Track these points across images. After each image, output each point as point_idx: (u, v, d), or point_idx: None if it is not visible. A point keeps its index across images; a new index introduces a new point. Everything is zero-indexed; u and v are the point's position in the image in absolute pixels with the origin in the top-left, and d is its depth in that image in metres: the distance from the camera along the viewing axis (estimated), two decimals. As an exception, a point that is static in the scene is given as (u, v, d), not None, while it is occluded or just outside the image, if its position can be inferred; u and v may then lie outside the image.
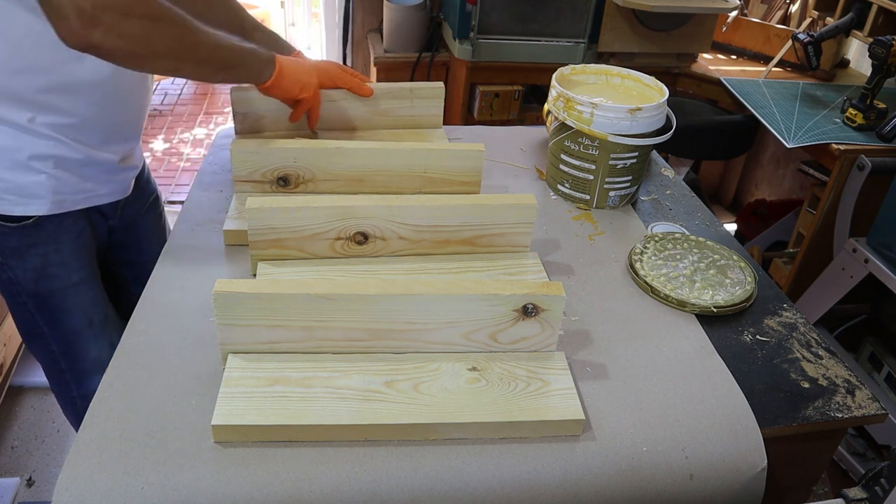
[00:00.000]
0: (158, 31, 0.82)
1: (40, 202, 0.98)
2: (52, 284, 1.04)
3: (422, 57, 2.31)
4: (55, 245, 1.02)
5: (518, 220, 0.95)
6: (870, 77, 1.79)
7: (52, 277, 1.04)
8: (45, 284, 1.04)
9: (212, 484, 0.65)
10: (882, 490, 0.75)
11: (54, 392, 1.20)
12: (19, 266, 1.01)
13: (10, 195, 0.96)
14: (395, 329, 0.76)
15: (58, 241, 1.02)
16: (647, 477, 0.71)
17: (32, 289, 1.04)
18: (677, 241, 1.03)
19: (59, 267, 1.04)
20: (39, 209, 0.98)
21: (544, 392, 0.74)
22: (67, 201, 1.01)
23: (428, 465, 0.69)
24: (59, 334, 1.09)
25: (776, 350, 0.88)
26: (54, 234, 1.02)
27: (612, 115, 1.04)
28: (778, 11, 2.52)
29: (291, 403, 0.71)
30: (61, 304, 1.06)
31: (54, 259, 1.03)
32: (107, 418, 0.70)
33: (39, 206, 0.98)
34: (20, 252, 1.00)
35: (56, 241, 1.02)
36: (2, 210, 0.96)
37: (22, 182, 0.95)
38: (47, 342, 1.10)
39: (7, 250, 1.00)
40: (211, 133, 3.56)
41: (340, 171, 1.05)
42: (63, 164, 0.98)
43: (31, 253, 1.01)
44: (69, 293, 1.06)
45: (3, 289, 1.05)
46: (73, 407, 1.19)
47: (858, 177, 1.73)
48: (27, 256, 1.01)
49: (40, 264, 1.02)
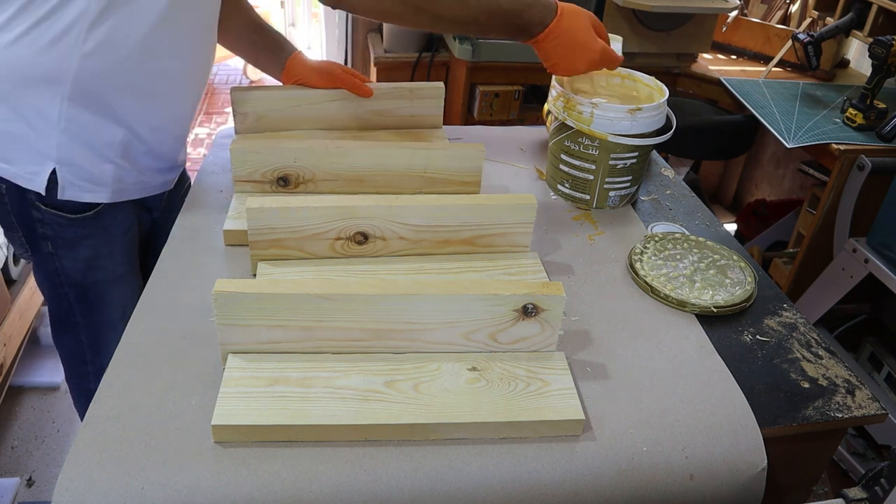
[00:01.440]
0: None
1: (105, 190, 1.00)
2: (97, 276, 1.06)
3: (422, 57, 2.31)
4: (107, 237, 1.04)
5: (518, 220, 0.95)
6: (870, 77, 1.79)
7: (100, 269, 1.06)
8: (92, 276, 1.06)
9: (212, 484, 0.65)
10: (882, 490, 0.75)
11: (70, 384, 1.22)
12: (69, 257, 1.03)
13: (83, 181, 0.98)
14: (395, 329, 0.76)
15: (110, 233, 1.04)
16: (647, 477, 0.71)
17: (78, 279, 1.05)
18: (677, 241, 1.03)
19: (108, 259, 1.06)
20: (104, 197, 1.00)
21: (544, 392, 0.74)
22: (127, 190, 1.04)
23: (428, 465, 0.69)
24: (92, 325, 1.10)
25: (776, 350, 0.88)
26: (108, 226, 1.04)
27: (612, 115, 1.04)
28: (778, 11, 2.52)
29: (291, 403, 0.71)
30: (103, 295, 1.08)
31: (104, 251, 1.05)
32: (107, 418, 0.71)
33: (104, 194, 1.00)
34: (73, 243, 1.02)
35: (108, 232, 1.04)
36: (72, 196, 0.98)
37: (94, 169, 0.98)
38: (79, 333, 1.11)
39: (60, 241, 1.02)
40: (211, 133, 3.56)
41: (340, 171, 1.05)
42: (129, 155, 1.01)
43: (83, 244, 1.03)
44: (112, 285, 1.08)
45: (46, 279, 1.07)
46: (86, 400, 1.19)
47: (858, 177, 1.73)
48: (79, 248, 1.03)
49: (91, 255, 1.04)
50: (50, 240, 1.01)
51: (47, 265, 1.04)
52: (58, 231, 1.01)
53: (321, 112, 1.20)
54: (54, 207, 0.99)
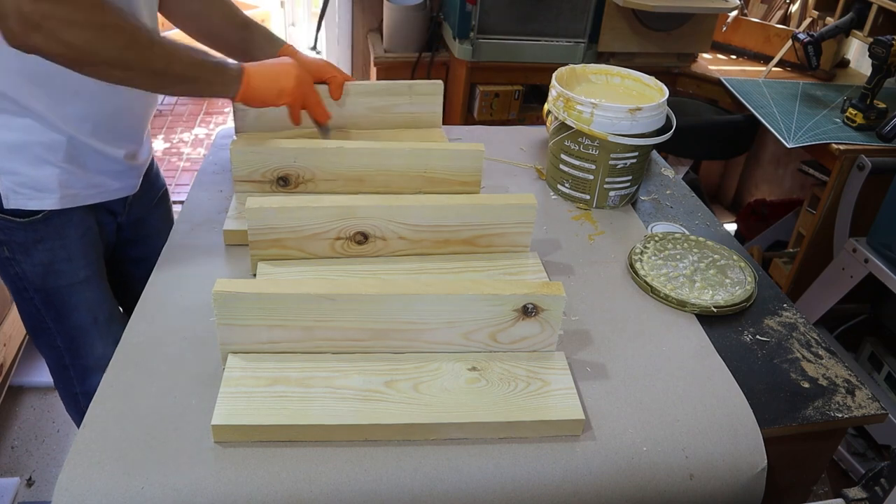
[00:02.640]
0: (103, 39, 0.79)
1: (52, 196, 0.98)
2: (58, 280, 1.04)
3: (422, 57, 2.31)
4: (61, 241, 1.02)
5: (518, 220, 0.95)
6: (870, 77, 1.78)
7: (59, 273, 1.04)
8: (52, 280, 1.04)
9: (212, 484, 0.65)
10: (882, 490, 0.75)
11: (58, 388, 1.21)
12: (26, 261, 1.01)
13: (26, 189, 0.96)
14: (395, 329, 0.76)
15: (64, 237, 1.02)
16: (647, 477, 0.71)
17: (39, 284, 1.04)
18: (677, 241, 1.03)
19: (66, 263, 1.04)
20: (51, 203, 0.98)
21: (544, 392, 0.74)
22: (78, 195, 1.01)
23: (428, 465, 0.69)
24: (64, 330, 1.09)
25: (776, 350, 0.88)
26: (61, 230, 1.01)
27: (612, 115, 1.04)
28: (778, 11, 2.52)
29: (291, 403, 0.71)
30: (67, 300, 1.06)
31: (61, 255, 1.03)
32: (107, 418, 0.70)
33: (51, 200, 0.98)
34: (27, 247, 1.00)
35: (62, 236, 1.02)
36: (17, 204, 0.96)
37: (36, 175, 0.95)
38: (53, 337, 1.10)
39: (14, 245, 1.00)
40: (211, 133, 3.56)
41: (340, 171, 1.05)
42: (74, 158, 0.98)
43: (37, 248, 1.01)
44: (75, 290, 1.06)
45: (10, 283, 1.05)
46: (75, 403, 1.19)
47: (858, 177, 1.73)
48: (34, 252, 1.01)
49: (47, 260, 1.02)
50: (5, 244, 1.00)
51: (8, 270, 1.03)
52: (10, 235, 0.99)
53: None
54: (4, 212, 0.97)
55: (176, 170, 3.25)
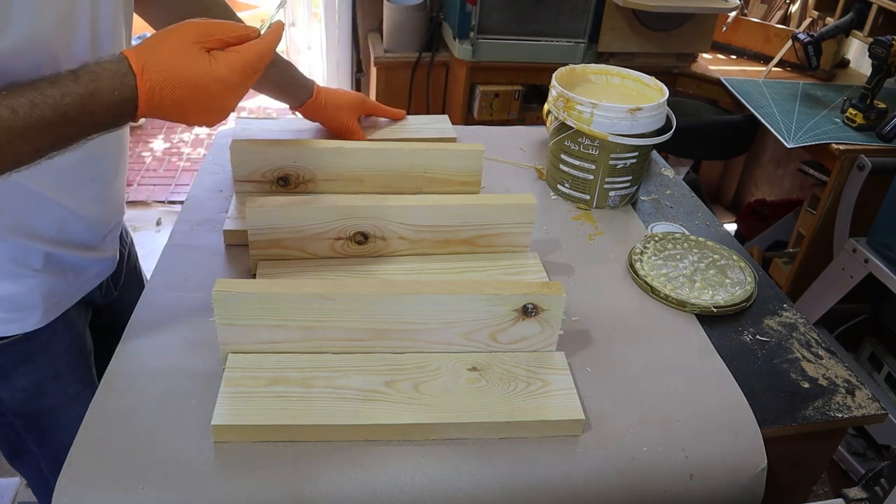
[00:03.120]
0: None
1: (34, 312, 0.82)
2: (45, 403, 0.89)
3: (422, 57, 2.31)
4: (47, 358, 0.86)
5: (518, 220, 0.95)
6: (870, 77, 1.79)
7: (46, 395, 0.88)
8: (37, 404, 0.88)
9: (212, 484, 0.65)
10: (882, 490, 0.75)
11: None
12: (4, 388, 0.85)
13: (4, 312, 0.80)
14: (395, 329, 0.76)
15: (50, 353, 0.86)
16: (647, 477, 0.71)
17: (21, 410, 0.88)
18: (677, 241, 1.03)
19: (54, 382, 0.88)
20: (34, 322, 0.83)
21: (544, 392, 0.74)
22: (61, 302, 0.86)
23: (428, 465, 0.69)
24: (50, 451, 0.93)
25: (776, 350, 0.88)
26: (46, 346, 0.85)
27: (612, 115, 1.04)
28: (778, 11, 2.52)
29: (291, 403, 0.71)
30: (55, 420, 0.90)
31: (48, 374, 0.87)
32: (107, 418, 0.70)
33: (34, 319, 0.83)
34: (5, 373, 0.84)
35: (48, 352, 0.86)
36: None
37: (16, 294, 0.80)
38: (36, 461, 0.94)
39: None
40: (211, 133, 3.56)
41: (340, 171, 1.05)
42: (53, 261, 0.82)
43: (18, 372, 0.85)
44: (65, 408, 0.90)
45: None
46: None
47: (858, 177, 1.73)
48: (13, 376, 0.85)
49: (30, 383, 0.86)
50: None
51: None
52: None
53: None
54: None
55: (176, 170, 3.25)
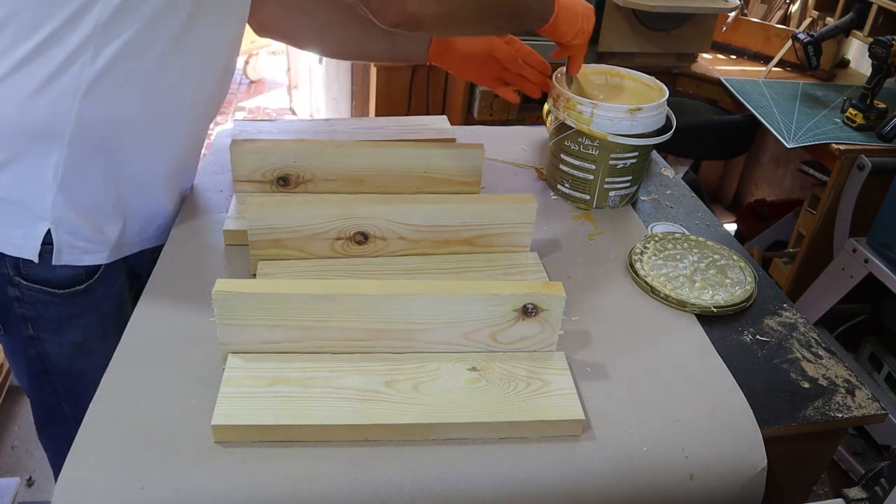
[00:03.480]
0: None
1: (105, 249, 0.86)
2: (88, 363, 0.90)
3: (422, 57, 2.31)
4: (98, 316, 0.90)
5: (518, 220, 0.95)
6: (870, 77, 1.79)
7: (90, 354, 0.90)
8: (80, 363, 0.91)
9: (212, 484, 0.65)
10: (882, 490, 0.75)
11: None
12: (54, 341, 0.88)
13: (83, 241, 0.84)
14: (395, 329, 0.76)
15: (101, 312, 0.90)
16: (647, 477, 0.71)
17: (65, 367, 0.90)
18: (677, 241, 1.03)
19: (100, 342, 0.90)
20: (102, 257, 0.86)
21: (544, 392, 0.74)
22: (127, 245, 0.90)
23: (428, 465, 0.68)
24: (82, 419, 0.96)
25: (776, 350, 0.88)
26: (100, 303, 0.89)
27: (612, 115, 1.04)
28: (778, 11, 2.52)
29: (291, 403, 0.71)
30: (90, 386, 0.92)
31: (96, 333, 0.90)
32: (107, 418, 0.71)
33: (103, 254, 0.86)
34: (59, 325, 0.87)
35: (100, 310, 0.89)
36: (71, 260, 0.83)
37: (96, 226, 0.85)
38: (69, 428, 0.93)
39: (43, 323, 0.87)
40: (211, 133, 3.56)
41: (340, 171, 1.05)
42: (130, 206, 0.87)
43: (71, 325, 0.88)
44: (102, 372, 0.94)
45: (26, 366, 0.91)
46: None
47: (858, 177, 1.73)
48: (66, 330, 0.88)
49: (80, 339, 0.89)
50: (30, 321, 0.86)
51: (27, 350, 0.88)
52: (41, 311, 0.85)
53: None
54: (37, 281, 0.83)
55: (176, 170, 3.25)
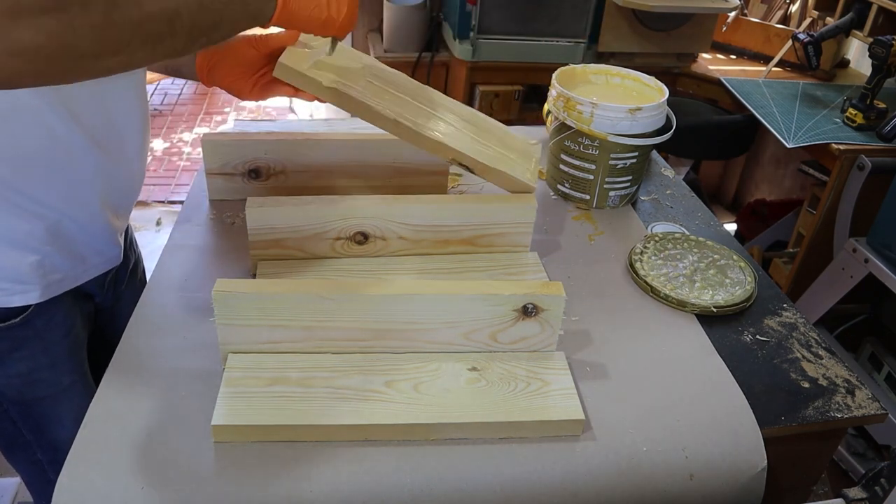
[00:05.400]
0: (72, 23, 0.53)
1: (35, 288, 0.82)
2: (39, 392, 0.89)
3: (422, 57, 2.31)
4: (43, 345, 0.87)
5: (518, 220, 0.95)
6: (870, 77, 1.79)
7: (40, 383, 0.88)
8: (32, 392, 0.89)
9: (212, 484, 0.65)
10: (882, 490, 0.75)
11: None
12: (0, 374, 0.86)
13: (6, 282, 0.80)
14: (395, 329, 0.76)
15: (46, 341, 0.87)
16: (647, 477, 0.71)
17: (16, 397, 0.88)
18: (677, 241, 1.03)
19: (49, 370, 0.88)
20: (35, 296, 0.83)
21: (544, 392, 0.74)
22: (64, 280, 0.86)
23: (428, 465, 0.69)
24: (46, 442, 0.93)
25: (776, 350, 0.88)
26: (42, 333, 0.86)
27: (612, 115, 1.04)
28: (778, 11, 2.52)
29: (291, 403, 0.71)
30: (49, 412, 0.90)
31: (42, 362, 0.87)
32: (107, 418, 0.71)
33: (35, 293, 0.83)
34: (1, 358, 0.85)
35: (44, 339, 0.87)
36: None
37: (17, 266, 0.80)
38: (32, 452, 0.94)
39: None
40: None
41: (310, 163, 1.04)
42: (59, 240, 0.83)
43: (13, 358, 0.85)
44: (59, 400, 0.90)
45: None
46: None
47: (858, 177, 1.73)
48: (9, 362, 0.86)
49: (26, 370, 0.87)
50: None
51: None
52: None
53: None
54: None
55: (176, 170, 3.25)
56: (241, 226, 0.99)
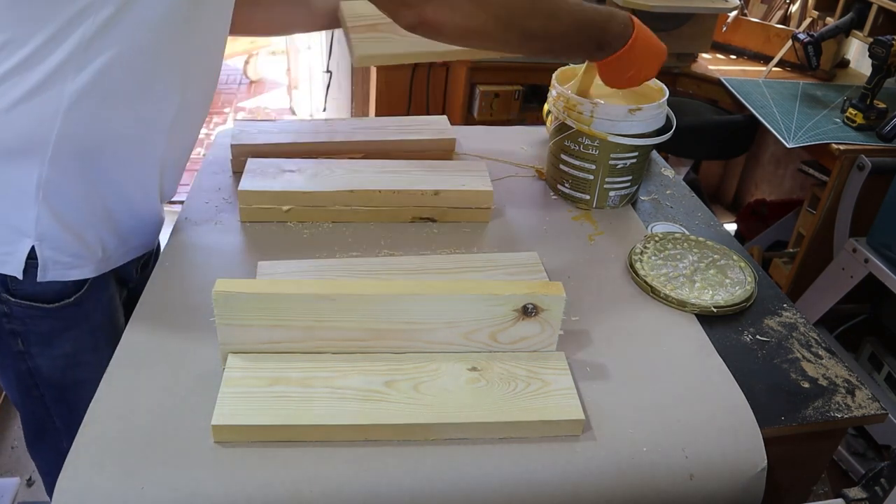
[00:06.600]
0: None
1: (91, 263, 0.85)
2: (80, 374, 0.90)
3: (422, 57, 2.31)
4: (90, 327, 0.89)
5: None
6: (870, 77, 1.79)
7: (82, 365, 0.90)
8: (73, 374, 0.90)
9: (212, 484, 0.65)
10: (882, 490, 0.75)
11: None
12: (45, 355, 0.87)
13: (68, 256, 0.82)
14: (395, 329, 0.76)
15: (92, 323, 0.89)
16: (647, 477, 0.71)
17: (57, 380, 0.90)
18: (677, 241, 1.03)
19: (92, 353, 0.90)
20: (89, 271, 0.85)
21: (544, 392, 0.74)
22: (111, 258, 0.88)
23: (428, 465, 0.69)
24: (74, 430, 0.96)
25: (776, 350, 0.88)
26: (90, 314, 0.88)
27: (612, 115, 1.04)
28: (778, 11, 2.52)
29: (292, 403, 0.71)
30: (86, 396, 0.92)
31: (87, 344, 0.89)
32: (107, 418, 0.71)
33: (90, 268, 0.85)
34: (49, 338, 0.87)
35: (91, 321, 0.89)
36: (56, 275, 0.82)
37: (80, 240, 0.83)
38: (59, 440, 0.95)
39: (33, 337, 0.86)
40: (211, 133, 3.56)
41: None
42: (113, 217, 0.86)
43: (62, 338, 0.87)
44: (94, 384, 0.92)
45: (15, 380, 0.90)
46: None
47: (858, 177, 1.73)
48: (56, 343, 0.87)
49: (72, 350, 0.88)
50: (20, 336, 0.85)
51: (18, 365, 0.87)
52: (30, 326, 0.84)
53: None
54: (25, 297, 0.82)
55: (176, 170, 3.25)
56: (241, 225, 0.99)
